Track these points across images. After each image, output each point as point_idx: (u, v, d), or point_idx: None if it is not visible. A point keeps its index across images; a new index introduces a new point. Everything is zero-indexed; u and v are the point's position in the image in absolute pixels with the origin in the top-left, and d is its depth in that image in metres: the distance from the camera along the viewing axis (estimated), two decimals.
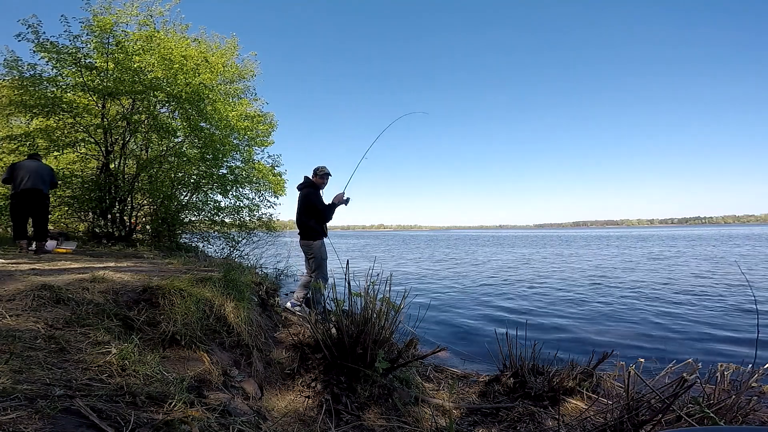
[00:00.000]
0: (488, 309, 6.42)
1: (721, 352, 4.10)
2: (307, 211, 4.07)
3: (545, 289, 8.22)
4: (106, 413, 1.07)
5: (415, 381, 2.80)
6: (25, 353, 1.36)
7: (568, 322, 5.49)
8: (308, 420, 2.11)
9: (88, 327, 1.77)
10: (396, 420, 2.22)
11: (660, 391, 1.99)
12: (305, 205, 4.08)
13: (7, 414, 0.94)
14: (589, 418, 2.28)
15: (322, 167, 4.24)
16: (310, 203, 4.07)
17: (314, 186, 4.20)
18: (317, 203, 4.09)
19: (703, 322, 5.34)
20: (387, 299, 2.68)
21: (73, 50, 7.30)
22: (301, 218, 4.10)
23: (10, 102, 7.48)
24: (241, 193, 10.34)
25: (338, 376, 2.48)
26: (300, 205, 4.14)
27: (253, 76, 11.95)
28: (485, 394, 2.86)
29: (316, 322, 2.89)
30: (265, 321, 3.21)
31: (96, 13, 7.80)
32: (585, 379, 2.77)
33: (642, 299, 6.93)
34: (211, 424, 1.21)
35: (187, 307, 2.27)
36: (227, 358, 2.30)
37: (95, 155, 8.71)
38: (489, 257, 17.59)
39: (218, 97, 9.59)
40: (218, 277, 2.94)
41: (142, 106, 8.19)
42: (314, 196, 4.12)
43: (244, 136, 10.58)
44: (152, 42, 8.17)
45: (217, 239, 10.17)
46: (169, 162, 9.14)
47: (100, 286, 2.38)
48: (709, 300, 6.73)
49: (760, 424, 2.13)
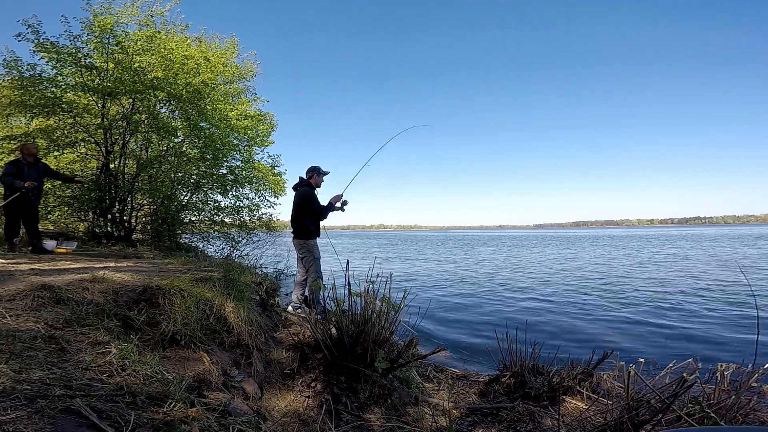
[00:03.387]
0: (489, 308, 6.42)
1: (721, 352, 4.10)
2: (303, 210, 4.09)
3: (547, 289, 8.21)
4: (106, 413, 1.07)
5: (415, 381, 2.80)
6: (25, 353, 1.36)
7: (567, 322, 5.49)
8: (308, 420, 2.11)
9: (88, 327, 1.77)
10: (396, 420, 2.22)
11: (660, 391, 1.99)
12: (302, 204, 4.10)
13: (7, 414, 0.94)
14: (589, 418, 2.28)
15: (317, 167, 4.26)
16: (308, 202, 4.08)
17: (311, 185, 4.21)
18: (314, 202, 4.10)
19: (704, 322, 5.34)
20: (387, 299, 2.68)
21: (73, 50, 7.29)
22: (296, 217, 4.12)
23: (10, 102, 7.47)
24: (241, 193, 10.34)
25: (338, 376, 2.48)
26: (296, 204, 4.16)
27: (253, 76, 11.94)
28: (485, 394, 2.86)
29: (316, 322, 2.89)
30: (265, 321, 3.21)
31: (96, 14, 7.79)
32: (585, 379, 2.77)
33: (642, 299, 6.93)
34: (211, 424, 1.21)
35: (187, 307, 2.27)
36: (227, 358, 2.30)
37: (95, 155, 8.70)
38: (489, 257, 17.58)
39: (218, 97, 9.58)
40: (218, 277, 2.94)
41: (143, 106, 8.18)
42: (311, 195, 4.13)
43: (244, 135, 10.57)
44: (153, 42, 8.16)
45: (217, 239, 10.16)
46: (169, 162, 9.13)
47: (100, 286, 2.38)
48: (709, 300, 6.73)
49: (760, 424, 2.13)
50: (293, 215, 4.17)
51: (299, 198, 4.13)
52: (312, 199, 4.11)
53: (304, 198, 4.10)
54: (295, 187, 4.26)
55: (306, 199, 4.09)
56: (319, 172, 4.24)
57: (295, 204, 4.16)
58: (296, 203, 4.15)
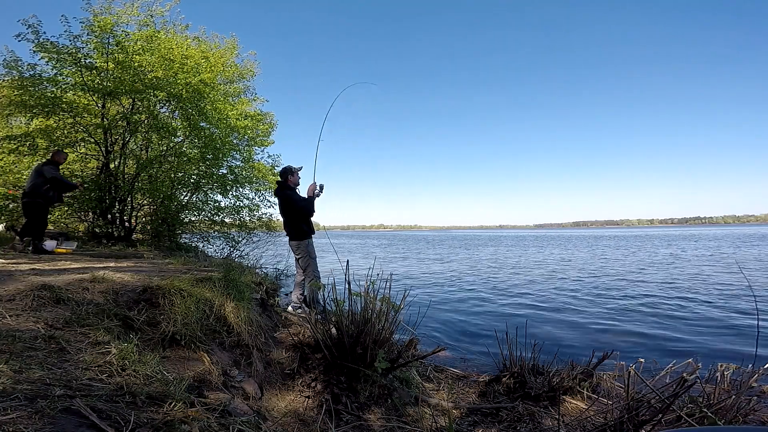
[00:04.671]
0: (489, 308, 6.42)
1: (721, 352, 4.10)
2: (291, 212, 4.15)
3: (546, 289, 8.22)
4: (106, 413, 1.07)
5: (415, 381, 2.80)
6: (25, 353, 1.36)
7: (568, 322, 5.49)
8: (308, 420, 2.11)
9: (88, 327, 1.77)
10: (396, 420, 2.22)
11: (660, 391, 1.99)
12: (289, 208, 4.17)
13: (7, 414, 0.94)
14: (589, 418, 2.28)
15: (289, 166, 4.33)
16: (293, 203, 4.13)
17: (290, 187, 4.26)
18: (297, 201, 4.16)
19: (704, 322, 5.34)
20: (387, 299, 2.68)
21: (73, 50, 7.29)
22: (288, 220, 4.20)
23: (10, 102, 7.47)
24: (241, 193, 10.35)
25: (338, 376, 2.48)
26: (283, 208, 4.24)
27: (252, 76, 11.95)
28: (485, 394, 2.86)
29: (316, 322, 2.89)
30: (265, 321, 3.21)
31: (96, 14, 7.79)
32: (585, 379, 2.77)
33: (642, 299, 6.93)
34: (211, 424, 1.21)
35: (187, 307, 2.27)
36: (227, 358, 2.30)
37: (95, 155, 8.70)
38: (489, 257, 17.58)
39: (218, 96, 9.58)
40: (218, 277, 2.94)
41: (143, 106, 8.18)
42: (293, 196, 4.22)
43: (244, 135, 10.57)
44: (153, 42, 8.16)
45: (217, 239, 10.17)
46: (169, 162, 9.13)
47: (100, 286, 2.38)
48: (709, 300, 6.73)
49: (760, 424, 2.13)
50: (284, 220, 4.27)
51: (284, 202, 4.23)
52: (294, 199, 4.19)
53: (288, 201, 4.19)
54: (276, 192, 4.32)
55: (290, 201, 4.17)
56: (292, 172, 4.31)
57: (282, 209, 4.25)
58: (283, 208, 4.24)
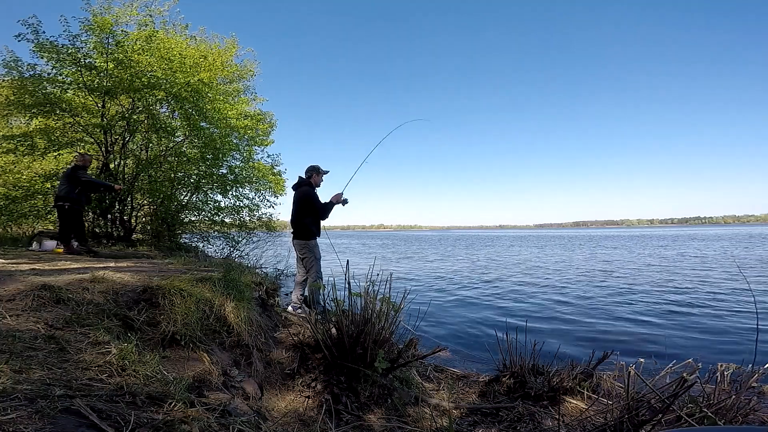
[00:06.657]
0: (489, 309, 6.42)
1: (721, 352, 4.10)
2: (304, 209, 4.06)
3: (547, 290, 8.22)
4: (106, 413, 1.07)
5: (415, 381, 2.80)
6: (25, 353, 1.36)
7: (568, 322, 5.49)
8: (308, 420, 2.11)
9: (88, 327, 1.77)
10: (396, 420, 2.22)
11: (660, 391, 1.99)
12: (303, 204, 4.07)
13: (7, 414, 0.94)
14: (589, 418, 2.28)
15: (317, 166, 4.25)
16: (309, 201, 4.05)
17: (311, 185, 4.20)
18: (316, 201, 4.08)
19: (704, 322, 5.34)
20: (387, 299, 2.68)
21: (73, 50, 7.29)
22: (297, 217, 4.09)
23: (10, 102, 7.47)
24: (241, 193, 10.34)
25: (338, 376, 2.48)
26: (296, 204, 4.12)
27: (252, 76, 11.95)
28: (485, 394, 2.86)
29: (316, 322, 2.89)
30: (265, 321, 3.21)
31: (96, 13, 7.79)
32: (585, 379, 2.77)
33: (642, 299, 6.93)
34: (211, 424, 1.21)
35: (187, 307, 2.27)
36: (227, 358, 2.30)
37: (95, 155, 8.70)
38: (489, 257, 17.58)
39: (217, 96, 9.58)
40: (218, 277, 2.94)
41: (142, 106, 8.18)
42: (312, 194, 4.12)
43: (244, 135, 10.57)
44: (152, 42, 8.16)
45: (217, 239, 10.16)
46: (169, 162, 9.13)
47: (100, 286, 2.38)
48: (710, 300, 6.73)
49: (760, 424, 2.13)
50: (293, 215, 4.14)
51: (300, 198, 4.10)
52: (313, 198, 4.09)
53: (305, 197, 4.07)
54: (295, 186, 4.23)
55: (307, 199, 4.06)
56: (318, 172, 4.22)
57: (296, 204, 4.13)
58: (297, 203, 4.12)
